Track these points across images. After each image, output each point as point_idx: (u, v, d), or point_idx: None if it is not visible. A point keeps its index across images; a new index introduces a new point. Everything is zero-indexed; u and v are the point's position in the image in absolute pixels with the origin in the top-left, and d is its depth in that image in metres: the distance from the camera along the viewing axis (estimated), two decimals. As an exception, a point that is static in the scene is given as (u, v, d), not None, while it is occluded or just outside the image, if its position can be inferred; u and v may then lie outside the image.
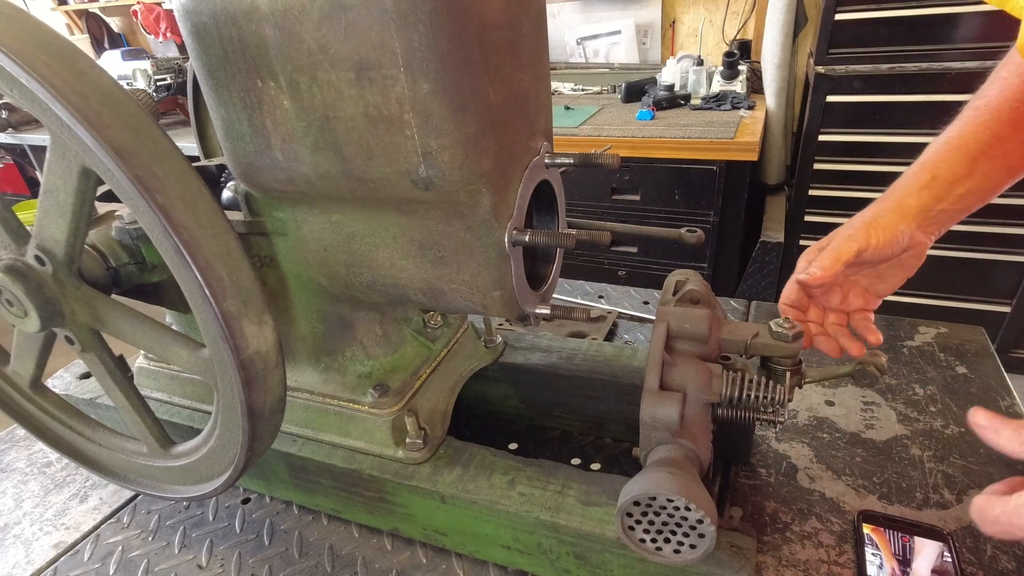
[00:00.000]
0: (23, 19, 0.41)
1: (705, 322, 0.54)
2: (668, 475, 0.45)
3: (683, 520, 0.46)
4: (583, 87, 2.64)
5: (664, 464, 0.47)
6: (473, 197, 0.48)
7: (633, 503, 0.46)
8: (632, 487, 0.46)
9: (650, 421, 0.50)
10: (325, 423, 0.66)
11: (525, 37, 0.50)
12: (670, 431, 0.50)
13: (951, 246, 1.89)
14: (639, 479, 0.46)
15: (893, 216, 0.58)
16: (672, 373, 0.53)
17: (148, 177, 0.40)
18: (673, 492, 0.44)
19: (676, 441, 0.50)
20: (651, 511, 0.46)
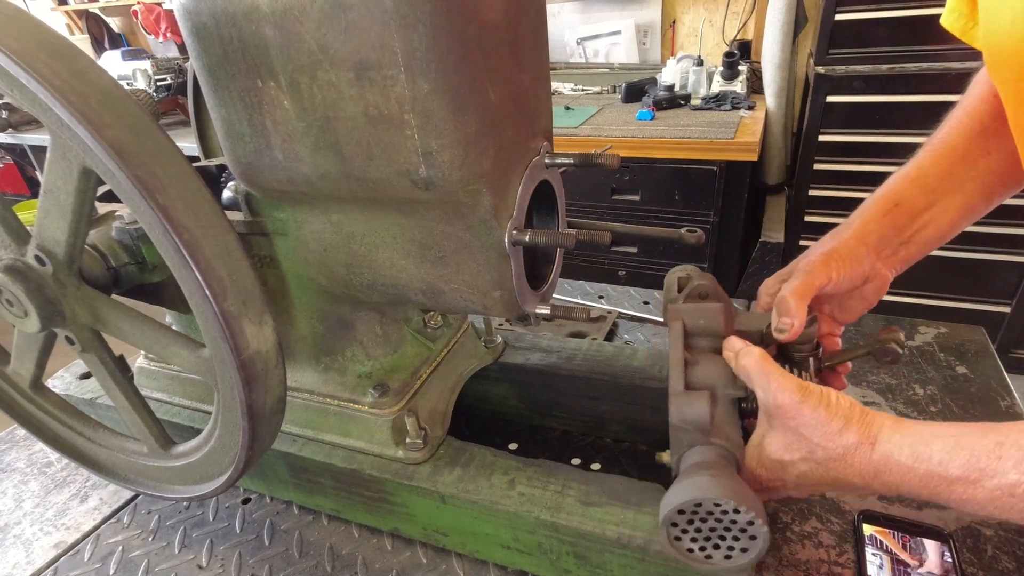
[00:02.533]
0: (23, 19, 0.41)
1: (720, 315, 0.53)
2: (711, 478, 0.43)
3: (732, 524, 0.43)
4: (583, 87, 2.64)
5: (702, 467, 0.45)
6: (473, 197, 0.48)
7: (678, 512, 0.44)
8: (675, 495, 0.44)
9: (680, 424, 0.48)
10: (325, 423, 0.66)
11: (525, 37, 0.50)
12: (702, 432, 0.48)
13: (951, 246, 1.87)
14: (681, 486, 0.44)
15: (854, 246, 0.57)
16: (695, 372, 0.51)
17: (148, 177, 0.40)
18: (720, 495, 0.42)
19: (710, 442, 0.48)
20: (697, 518, 0.44)
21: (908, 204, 0.59)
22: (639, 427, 0.74)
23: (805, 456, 0.45)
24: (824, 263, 0.56)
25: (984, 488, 0.39)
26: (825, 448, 0.44)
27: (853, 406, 0.44)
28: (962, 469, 0.39)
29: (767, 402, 0.47)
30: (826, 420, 0.43)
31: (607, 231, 0.61)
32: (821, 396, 0.44)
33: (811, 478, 0.46)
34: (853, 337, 0.90)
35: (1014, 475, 0.37)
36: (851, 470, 0.44)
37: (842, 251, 0.57)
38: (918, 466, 0.41)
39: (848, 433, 0.43)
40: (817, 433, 0.44)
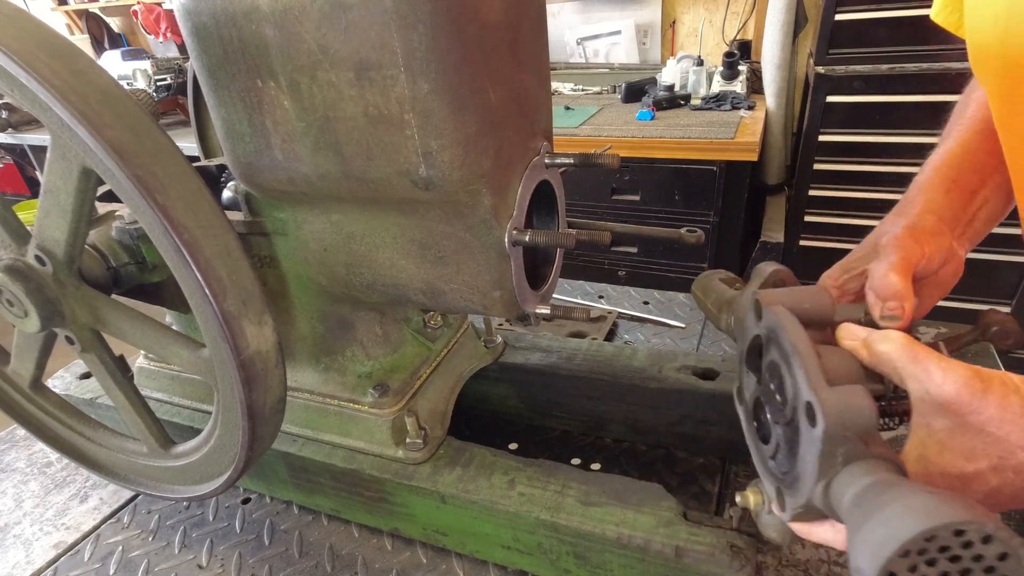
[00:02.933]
0: (23, 19, 0.41)
1: (827, 297, 0.42)
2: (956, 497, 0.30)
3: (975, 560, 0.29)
4: (583, 87, 2.64)
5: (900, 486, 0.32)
6: (473, 197, 0.48)
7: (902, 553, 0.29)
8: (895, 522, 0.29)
9: (838, 428, 0.34)
10: (325, 423, 0.66)
11: (525, 37, 0.50)
12: (864, 438, 0.35)
13: (951, 246, 1.89)
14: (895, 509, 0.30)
15: (934, 221, 0.50)
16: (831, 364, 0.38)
17: (148, 177, 0.40)
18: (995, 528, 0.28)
19: (874, 454, 0.34)
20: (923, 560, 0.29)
21: (963, 182, 0.53)
22: (639, 427, 0.74)
23: (997, 464, 0.35)
24: (913, 238, 0.47)
25: None
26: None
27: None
28: None
29: (928, 395, 0.35)
30: (1022, 410, 0.33)
31: (607, 231, 0.61)
32: (1006, 381, 0.34)
33: (1007, 492, 0.35)
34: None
35: None
36: None
37: (926, 225, 0.49)
38: None
39: None
40: (1014, 430, 0.33)
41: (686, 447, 0.73)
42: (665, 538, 0.51)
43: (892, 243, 0.47)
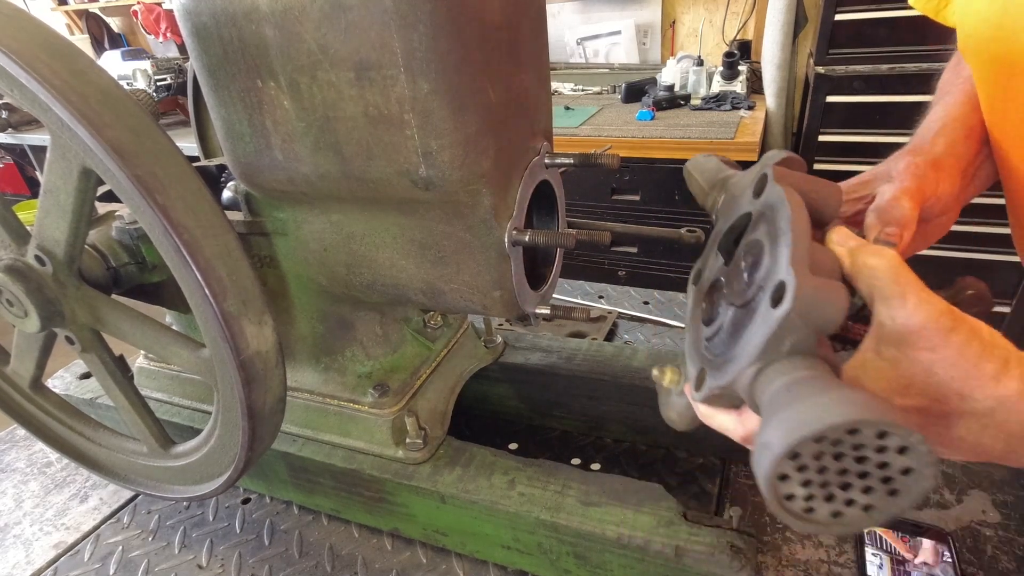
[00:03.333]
0: (23, 19, 0.41)
1: (838, 197, 0.39)
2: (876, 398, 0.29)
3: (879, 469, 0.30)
4: (583, 87, 2.64)
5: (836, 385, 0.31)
6: (473, 197, 0.48)
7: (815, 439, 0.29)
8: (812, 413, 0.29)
9: (804, 316, 0.32)
10: (325, 423, 0.66)
11: (525, 37, 0.50)
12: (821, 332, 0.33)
13: (951, 246, 1.89)
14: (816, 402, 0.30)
15: (955, 164, 0.46)
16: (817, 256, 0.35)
17: (148, 177, 0.40)
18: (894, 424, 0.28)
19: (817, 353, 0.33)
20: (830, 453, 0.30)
21: (977, 131, 0.51)
22: (639, 427, 0.74)
23: (926, 407, 0.33)
24: (935, 170, 0.44)
25: None
26: (968, 399, 0.32)
27: (1010, 345, 0.33)
28: None
29: (894, 321, 0.33)
30: (978, 360, 0.31)
31: (607, 231, 0.61)
32: (974, 327, 0.32)
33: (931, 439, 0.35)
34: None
35: None
36: (994, 431, 0.32)
37: (948, 163, 0.45)
38: None
39: (1008, 380, 0.31)
40: (960, 376, 0.32)
41: (686, 447, 0.73)
42: (665, 538, 0.51)
43: (911, 169, 0.44)
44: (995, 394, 0.31)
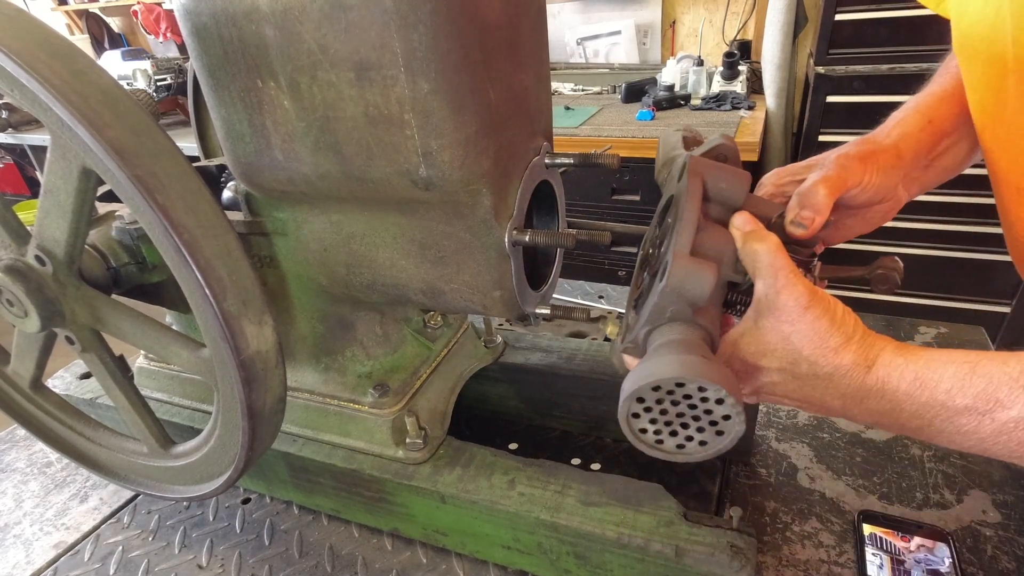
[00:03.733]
0: (23, 19, 0.41)
1: (744, 184, 0.45)
2: (702, 360, 0.37)
3: (706, 414, 0.38)
4: (583, 87, 2.64)
5: (690, 347, 0.39)
6: (473, 197, 0.48)
7: (652, 388, 0.38)
8: (653, 367, 0.38)
9: (676, 290, 0.40)
10: (325, 423, 0.66)
11: (525, 37, 0.50)
12: (694, 307, 0.41)
13: (951, 246, 1.89)
14: (661, 359, 0.38)
15: (894, 157, 0.51)
16: (705, 239, 0.44)
17: (148, 177, 0.40)
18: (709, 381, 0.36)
19: (694, 320, 0.41)
20: (669, 399, 0.38)
21: (939, 122, 0.55)
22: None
23: (784, 367, 0.41)
24: (862, 162, 0.49)
25: (995, 421, 0.35)
26: (813, 364, 0.39)
27: (857, 324, 0.39)
28: (974, 399, 0.35)
29: (766, 297, 0.41)
30: (826, 334, 0.39)
31: (607, 231, 0.61)
32: (828, 306, 0.39)
33: (779, 390, 0.42)
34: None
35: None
36: (833, 391, 0.40)
37: (881, 158, 0.50)
38: (919, 393, 0.37)
39: (845, 353, 0.39)
40: (810, 346, 0.39)
41: (686, 447, 0.73)
42: (665, 538, 0.51)
43: (838, 160, 0.49)
44: (834, 362, 0.39)
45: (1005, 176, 0.53)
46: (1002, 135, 0.52)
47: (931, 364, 0.37)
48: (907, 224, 1.90)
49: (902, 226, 1.90)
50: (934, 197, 1.81)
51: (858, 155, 0.50)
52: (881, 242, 1.92)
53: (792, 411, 0.78)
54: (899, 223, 1.89)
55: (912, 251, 1.93)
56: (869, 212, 0.54)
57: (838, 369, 0.39)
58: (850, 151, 0.50)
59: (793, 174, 0.53)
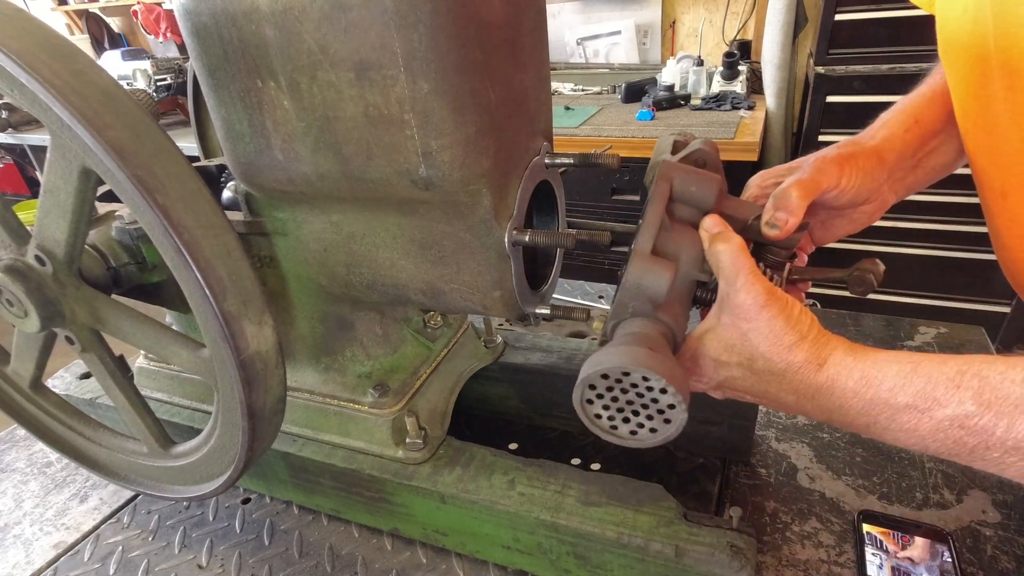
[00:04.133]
0: (23, 19, 0.41)
1: (715, 188, 0.48)
2: (648, 352, 0.40)
3: (653, 403, 0.41)
4: (583, 87, 2.64)
5: (642, 339, 0.43)
6: (473, 197, 0.48)
7: (601, 376, 0.41)
8: (604, 357, 0.41)
9: (634, 288, 0.44)
10: (325, 423, 0.66)
11: (525, 37, 0.50)
12: (653, 303, 0.45)
13: (951, 246, 1.89)
14: (613, 350, 0.41)
15: (873, 160, 0.53)
16: (667, 240, 0.47)
17: (148, 177, 0.40)
18: (652, 372, 0.39)
19: (655, 316, 0.45)
20: (619, 387, 0.42)
21: (926, 122, 0.56)
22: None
23: (742, 362, 0.43)
24: (838, 165, 0.51)
25: (932, 419, 0.36)
26: (768, 360, 0.41)
27: (813, 324, 0.41)
28: (913, 397, 0.37)
29: (727, 296, 0.43)
30: (781, 332, 0.41)
31: (607, 231, 0.61)
32: (784, 306, 0.41)
33: (739, 384, 0.45)
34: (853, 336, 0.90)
35: (971, 406, 0.35)
36: (787, 387, 0.42)
37: (861, 160, 0.52)
38: (864, 391, 0.38)
39: (799, 351, 0.40)
40: (765, 343, 0.41)
41: (686, 447, 0.73)
42: (665, 538, 0.51)
43: (814, 163, 0.51)
44: (787, 359, 0.41)
45: (990, 182, 0.53)
46: (986, 141, 0.52)
47: (877, 363, 0.39)
48: (907, 224, 1.90)
49: (902, 226, 1.90)
50: (934, 197, 1.81)
51: (836, 158, 0.51)
52: (881, 242, 1.92)
53: (792, 411, 0.78)
54: (899, 223, 1.90)
55: (912, 251, 1.93)
56: (855, 213, 0.55)
57: (791, 366, 0.41)
58: (829, 154, 0.52)
59: (777, 176, 0.54)
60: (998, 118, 0.49)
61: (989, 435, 0.35)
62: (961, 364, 0.36)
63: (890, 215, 2.16)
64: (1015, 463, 0.35)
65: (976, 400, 0.35)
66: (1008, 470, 0.36)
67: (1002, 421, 0.34)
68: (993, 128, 0.50)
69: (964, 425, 0.35)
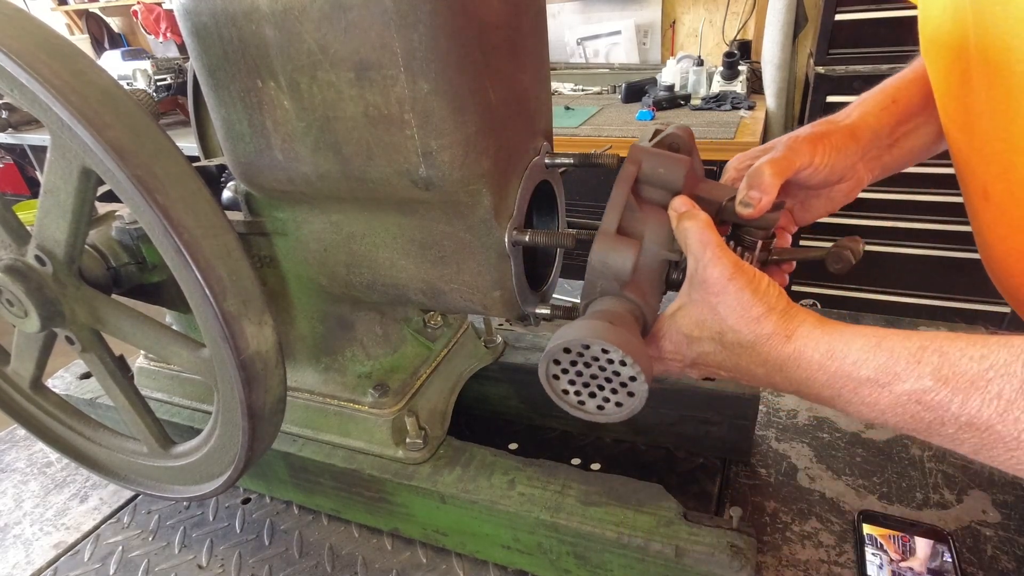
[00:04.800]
0: (23, 19, 0.41)
1: (683, 169, 0.48)
2: (607, 326, 0.41)
3: (615, 376, 0.42)
4: (583, 87, 2.64)
5: (606, 316, 0.44)
6: (473, 197, 0.48)
7: (564, 350, 0.42)
8: (567, 332, 0.42)
9: (599, 267, 0.46)
10: (325, 423, 0.66)
11: (525, 37, 0.50)
12: (619, 281, 0.46)
13: (951, 246, 1.89)
14: (575, 324, 0.43)
15: (847, 137, 0.54)
16: (634, 220, 0.48)
17: (148, 177, 0.40)
18: (611, 344, 0.40)
19: (622, 294, 0.46)
20: (582, 361, 0.43)
21: (904, 102, 0.58)
22: (639, 427, 0.74)
23: (713, 336, 0.43)
24: (811, 144, 0.52)
25: (892, 393, 0.36)
26: (737, 332, 0.42)
27: (781, 296, 0.42)
28: (875, 371, 0.37)
29: (696, 272, 0.44)
30: (749, 304, 0.41)
31: (607, 231, 0.61)
32: (752, 278, 0.42)
33: (712, 360, 0.45)
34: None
35: (928, 381, 0.35)
36: (756, 359, 0.42)
37: (834, 138, 0.53)
38: (829, 364, 0.39)
39: (767, 322, 0.41)
40: (734, 315, 0.42)
41: (686, 447, 0.73)
42: (665, 538, 0.51)
43: (787, 143, 0.51)
44: (756, 331, 0.41)
45: (972, 181, 0.54)
46: (967, 141, 0.52)
47: (844, 336, 0.39)
48: (907, 224, 1.90)
49: (902, 226, 1.90)
50: (934, 197, 1.81)
51: (809, 137, 0.52)
52: (881, 242, 1.92)
53: (792, 411, 0.78)
54: (899, 223, 1.90)
55: (912, 251, 1.93)
56: (831, 192, 0.56)
57: (759, 337, 0.41)
58: (802, 133, 0.53)
59: (752, 157, 0.55)
60: (979, 118, 0.49)
61: (944, 411, 0.35)
62: (924, 340, 0.36)
63: (890, 215, 2.18)
64: (968, 439, 0.35)
65: (934, 376, 0.35)
66: (962, 446, 0.36)
67: (957, 397, 0.34)
68: (974, 127, 0.50)
69: (921, 400, 0.35)
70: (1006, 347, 0.34)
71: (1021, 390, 0.32)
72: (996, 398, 0.33)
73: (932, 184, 1.80)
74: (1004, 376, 0.33)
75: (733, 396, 0.67)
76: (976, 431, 0.34)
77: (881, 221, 1.91)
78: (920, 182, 1.81)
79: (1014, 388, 0.32)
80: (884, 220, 1.90)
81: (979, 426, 0.34)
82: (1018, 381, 0.32)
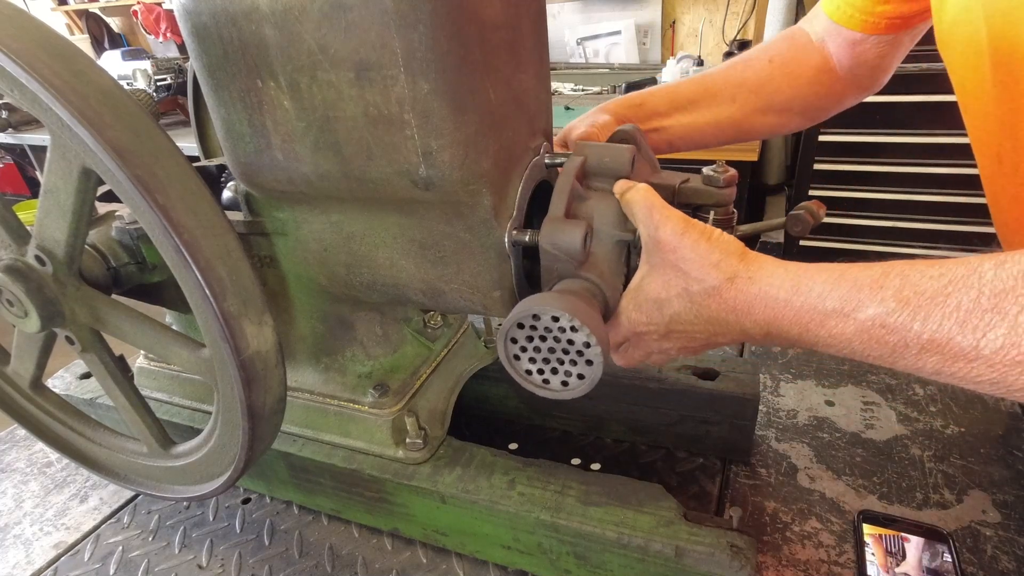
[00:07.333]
0: (23, 19, 0.41)
1: (627, 156, 0.49)
2: (555, 295, 0.42)
3: (570, 345, 0.43)
4: (583, 87, 2.64)
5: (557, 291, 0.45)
6: (473, 197, 0.48)
7: (517, 325, 0.43)
8: (517, 307, 0.43)
9: (551, 249, 0.47)
10: (325, 423, 0.66)
11: (525, 37, 0.50)
12: (573, 261, 0.47)
13: (951, 246, 1.89)
14: (526, 299, 0.43)
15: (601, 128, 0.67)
16: (583, 206, 0.49)
17: (148, 177, 0.40)
18: (558, 309, 0.40)
19: (579, 274, 0.48)
20: (537, 335, 0.43)
21: (650, 107, 0.72)
22: (639, 427, 0.74)
23: (680, 292, 0.44)
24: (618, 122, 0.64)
25: (855, 320, 0.37)
26: (701, 281, 0.43)
27: (735, 242, 0.43)
28: (840, 301, 0.37)
29: (649, 238, 0.45)
30: (706, 252, 0.42)
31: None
32: (703, 230, 0.43)
33: (684, 319, 0.45)
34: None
35: (891, 303, 0.35)
36: (725, 306, 0.42)
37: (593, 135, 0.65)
38: (795, 299, 0.39)
39: (726, 265, 0.42)
40: (695, 266, 0.43)
41: (686, 447, 0.73)
42: (665, 538, 0.51)
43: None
44: (718, 276, 0.42)
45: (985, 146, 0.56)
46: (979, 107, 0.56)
47: (807, 272, 0.40)
48: (907, 224, 1.90)
49: (902, 226, 1.90)
50: (934, 197, 1.81)
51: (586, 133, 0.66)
52: (881, 242, 1.92)
53: (792, 411, 0.78)
54: (899, 223, 1.90)
55: (912, 251, 1.93)
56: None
57: (723, 283, 0.42)
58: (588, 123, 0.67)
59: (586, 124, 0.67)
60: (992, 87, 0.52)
61: (907, 331, 0.35)
62: (886, 267, 0.37)
63: (890, 215, 2.17)
64: (930, 359, 0.35)
65: (896, 297, 0.35)
66: (924, 369, 0.36)
67: (919, 315, 0.35)
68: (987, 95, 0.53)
69: (885, 324, 0.36)
70: (963, 264, 0.34)
71: (978, 300, 0.33)
72: (955, 310, 0.33)
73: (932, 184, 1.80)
74: (962, 289, 0.33)
75: (733, 396, 0.68)
76: (938, 348, 0.35)
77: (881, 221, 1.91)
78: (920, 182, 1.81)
79: (971, 299, 0.33)
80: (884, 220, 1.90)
81: (940, 341, 0.34)
82: (975, 292, 0.33)
